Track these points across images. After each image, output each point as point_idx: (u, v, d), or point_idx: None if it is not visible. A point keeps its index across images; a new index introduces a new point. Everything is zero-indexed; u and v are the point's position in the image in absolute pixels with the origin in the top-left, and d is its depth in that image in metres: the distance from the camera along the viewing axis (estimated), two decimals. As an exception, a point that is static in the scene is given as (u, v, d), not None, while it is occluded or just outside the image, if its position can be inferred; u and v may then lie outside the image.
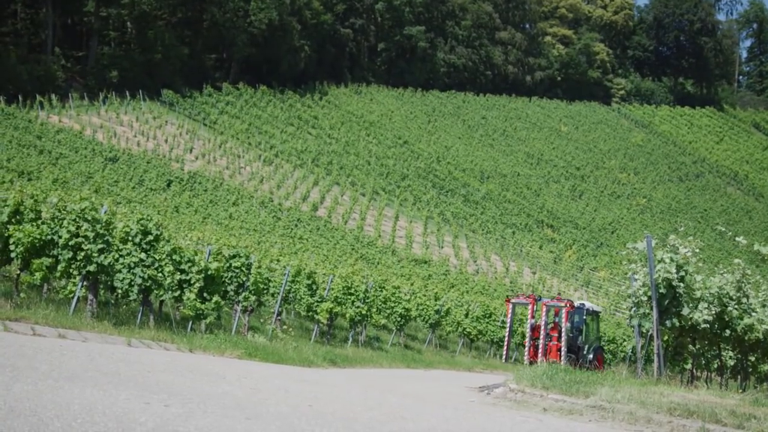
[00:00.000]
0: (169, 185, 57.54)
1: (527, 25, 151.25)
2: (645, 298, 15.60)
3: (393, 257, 55.83)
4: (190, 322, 17.95)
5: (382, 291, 29.12)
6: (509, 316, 28.57)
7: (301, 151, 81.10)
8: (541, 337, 26.89)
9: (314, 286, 24.69)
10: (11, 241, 14.57)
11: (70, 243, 14.84)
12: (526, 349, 27.38)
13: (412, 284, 36.98)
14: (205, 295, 17.72)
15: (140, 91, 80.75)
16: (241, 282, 20.05)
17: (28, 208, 15.01)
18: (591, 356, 28.28)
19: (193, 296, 17.31)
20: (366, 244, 56.69)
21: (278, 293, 23.25)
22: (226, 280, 19.86)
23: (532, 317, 27.65)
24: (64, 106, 72.10)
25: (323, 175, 76.27)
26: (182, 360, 12.03)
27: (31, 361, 8.29)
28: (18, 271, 16.11)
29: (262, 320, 24.49)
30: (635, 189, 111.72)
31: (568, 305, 27.16)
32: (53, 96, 72.08)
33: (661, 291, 15.11)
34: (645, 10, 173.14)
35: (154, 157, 65.11)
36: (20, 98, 68.77)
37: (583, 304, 29.06)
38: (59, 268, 14.87)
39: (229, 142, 76.68)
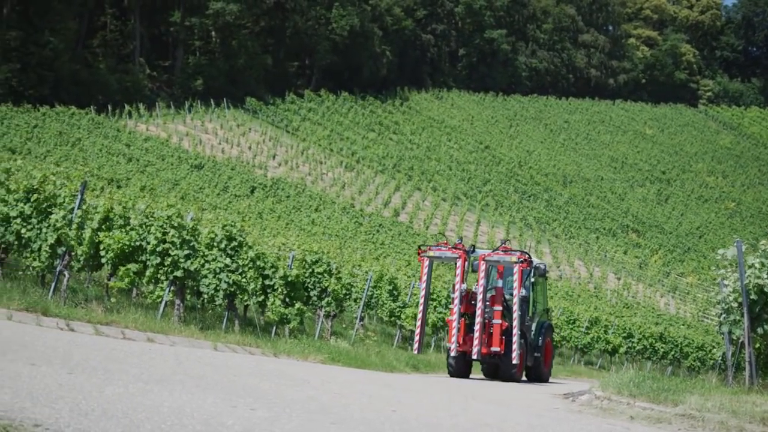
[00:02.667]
0: (252, 192, 58.33)
1: (611, 27, 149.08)
2: (735, 305, 15.17)
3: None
4: (274, 327, 18.14)
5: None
6: (424, 279, 18.63)
7: (382, 156, 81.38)
8: (478, 313, 17.80)
9: (396, 292, 24.72)
10: (101, 247, 14.94)
11: (157, 249, 15.15)
12: (452, 332, 18.04)
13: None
14: (288, 300, 17.90)
15: (224, 99, 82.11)
16: (323, 287, 20.18)
17: (118, 215, 15.37)
18: (540, 340, 19.92)
19: (277, 301, 17.49)
20: (447, 250, 56.46)
21: (360, 298, 23.34)
22: (309, 286, 20.02)
23: (462, 281, 18.10)
24: (151, 115, 73.77)
25: (404, 181, 76.37)
26: (267, 364, 12.16)
27: (122, 364, 8.47)
28: (108, 276, 16.53)
29: (344, 325, 24.62)
30: (723, 192, 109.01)
31: (522, 260, 17.98)
32: (141, 105, 73.82)
33: (752, 297, 14.68)
34: (733, 10, 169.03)
35: (238, 163, 66.10)
36: (109, 108, 70.60)
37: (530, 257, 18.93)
38: (147, 273, 15.19)
39: (312, 148, 77.37)
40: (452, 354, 18.01)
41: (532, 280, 19.83)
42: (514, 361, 17.79)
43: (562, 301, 44.27)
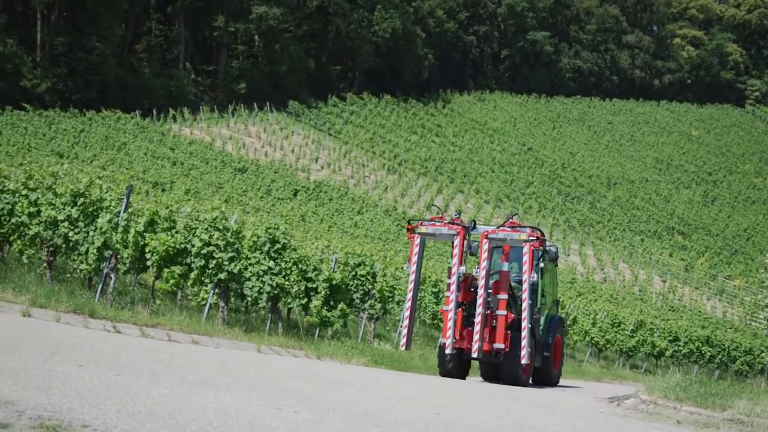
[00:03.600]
0: (295, 194, 58.59)
1: (655, 28, 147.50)
2: (785, 308, 14.94)
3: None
4: (317, 330, 18.20)
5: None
6: (414, 260, 15.78)
7: (424, 159, 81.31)
8: (479, 302, 15.07)
9: (439, 294, 24.67)
10: (147, 249, 15.10)
11: (202, 251, 15.27)
12: (447, 325, 15.21)
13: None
14: (331, 302, 17.95)
15: (267, 102, 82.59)
16: (366, 290, 20.21)
17: (162, 218, 15.53)
18: (549, 338, 17.27)
19: (319, 304, 17.54)
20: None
21: (403, 301, 23.32)
22: (352, 288, 20.05)
23: (461, 263, 15.36)
24: (195, 119, 74.44)
25: (447, 183, 76.24)
26: (310, 367, 12.20)
27: (168, 366, 8.55)
28: (153, 279, 16.70)
29: (387, 328, 24.62)
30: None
31: (534, 238, 15.22)
32: (185, 109, 74.53)
33: (801, 300, 14.44)
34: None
35: (281, 167, 66.45)
36: (154, 112, 71.38)
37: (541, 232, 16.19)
38: (192, 275, 15.32)
39: (354, 151, 77.54)
40: (446, 351, 15.27)
41: (542, 265, 16.82)
42: (524, 361, 14.98)
43: (606, 304, 43.88)
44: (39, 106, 64.42)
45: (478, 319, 14.91)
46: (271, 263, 16.44)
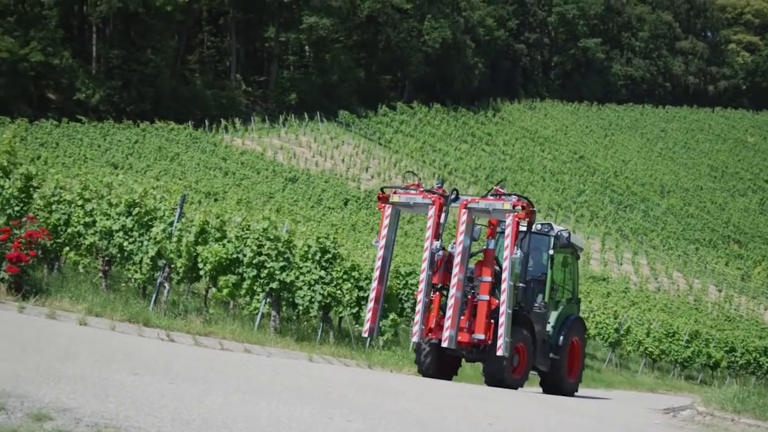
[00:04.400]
0: (346, 204, 58.75)
1: (709, 33, 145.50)
2: None
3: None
4: (368, 339, 18.21)
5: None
6: (384, 232, 13.84)
7: (475, 168, 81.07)
8: (453, 283, 13.05)
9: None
10: (200, 259, 15.25)
11: (254, 261, 15.38)
12: (419, 310, 13.42)
13: (590, 302, 36.16)
14: (382, 311, 17.93)
15: (318, 112, 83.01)
16: (417, 299, 20.16)
17: (214, 228, 15.67)
18: (560, 338, 15.03)
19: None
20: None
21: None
22: (403, 297, 20.03)
23: (434, 237, 13.44)
24: (246, 129, 75.09)
25: (497, 192, 75.74)
26: (362, 376, 12.20)
27: (221, 374, 8.62)
28: (206, 288, 16.86)
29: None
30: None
31: (520, 208, 13.09)
32: (236, 120, 75.25)
33: None
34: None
35: (332, 176, 66.73)
36: (206, 123, 72.19)
37: (551, 225, 15.61)
38: (244, 285, 15.44)
39: (404, 160, 77.59)
40: (414, 339, 13.67)
41: (551, 252, 14.94)
42: (500, 352, 12.64)
43: (660, 313, 43.28)
44: (94, 117, 65.57)
45: (450, 302, 12.90)
46: (322, 272, 16.50)
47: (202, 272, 15.34)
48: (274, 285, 15.35)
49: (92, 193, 15.60)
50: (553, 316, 15.12)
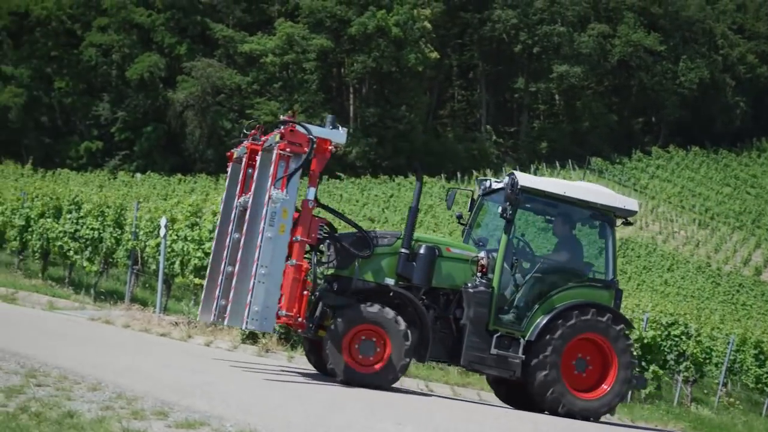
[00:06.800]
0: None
1: None
2: None
3: None
4: (630, 392, 17.58)
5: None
6: (223, 196, 11.39)
7: (739, 212, 76.80)
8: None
9: (762, 356, 23.00)
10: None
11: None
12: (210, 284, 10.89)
13: None
14: (643, 363, 17.30)
15: (569, 160, 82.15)
16: (681, 351, 19.29)
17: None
18: (541, 332, 10.74)
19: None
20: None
21: (722, 363, 21.98)
22: (665, 349, 19.22)
23: (241, 192, 10.57)
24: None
25: (766, 237, 71.34)
26: (624, 431, 11.80)
27: (481, 426, 8.63)
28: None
29: (705, 391, 23.29)
30: None
31: (286, 139, 9.85)
32: (488, 171, 75.93)
33: None
34: None
35: (586, 224, 65.50)
36: (458, 175, 73.38)
37: (487, 181, 12.24)
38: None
39: (661, 206, 74.94)
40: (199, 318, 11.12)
41: (500, 209, 10.84)
42: (245, 324, 9.71)
43: None
44: (352, 173, 68.56)
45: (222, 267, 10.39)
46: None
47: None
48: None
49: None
50: (521, 297, 11.04)
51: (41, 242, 18.80)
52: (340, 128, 10.24)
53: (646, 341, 17.35)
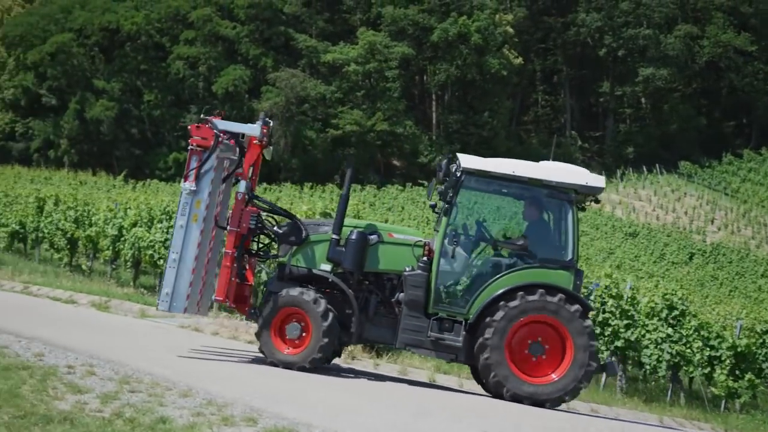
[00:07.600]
0: (691, 258, 56.31)
1: None
2: None
3: None
4: (723, 401, 17.15)
5: None
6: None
7: (837, 216, 74.31)
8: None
9: None
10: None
11: (597, 319, 15.14)
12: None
13: None
14: (737, 372, 16.85)
15: (657, 164, 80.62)
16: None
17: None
18: (481, 313, 10.38)
19: (724, 373, 16.55)
20: None
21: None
22: (761, 357, 18.67)
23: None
24: (583, 185, 74.58)
25: None
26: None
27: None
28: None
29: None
30: None
31: (193, 129, 10.74)
32: (573, 176, 75.08)
33: None
34: None
35: (674, 229, 64.29)
36: (543, 180, 72.66)
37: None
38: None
39: (754, 210, 72.95)
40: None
41: (473, 185, 11.54)
42: (161, 307, 10.46)
43: None
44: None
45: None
46: (670, 330, 15.88)
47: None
48: (619, 343, 15.00)
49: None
50: (466, 280, 10.90)
51: (133, 251, 19.36)
52: (271, 123, 10.88)
53: (739, 349, 16.87)
